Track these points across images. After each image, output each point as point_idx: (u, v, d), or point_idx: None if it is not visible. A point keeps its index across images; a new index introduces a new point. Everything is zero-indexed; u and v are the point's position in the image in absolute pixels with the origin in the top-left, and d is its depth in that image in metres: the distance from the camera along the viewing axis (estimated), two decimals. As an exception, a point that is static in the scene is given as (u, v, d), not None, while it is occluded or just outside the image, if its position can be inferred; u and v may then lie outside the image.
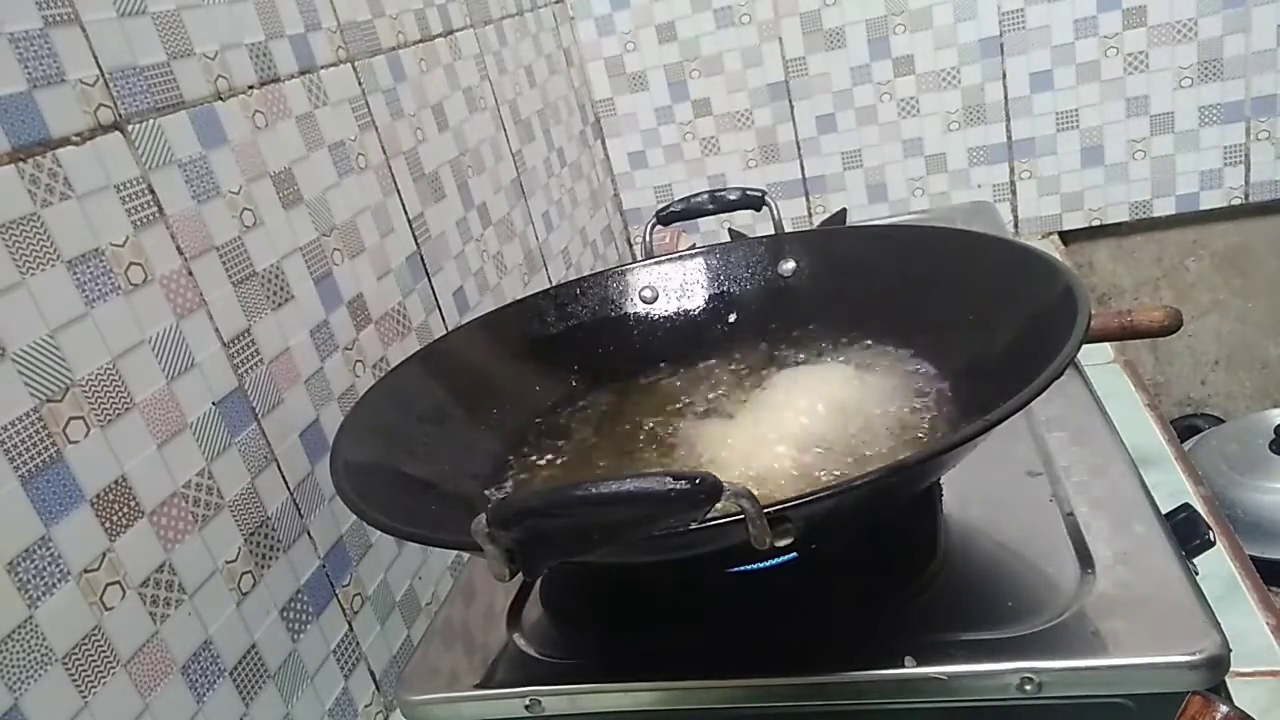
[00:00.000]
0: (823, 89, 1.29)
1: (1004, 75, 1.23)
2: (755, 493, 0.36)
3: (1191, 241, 1.31)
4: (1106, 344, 0.92)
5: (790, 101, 1.31)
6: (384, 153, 0.80)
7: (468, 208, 0.94)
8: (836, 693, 0.45)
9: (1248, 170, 1.21)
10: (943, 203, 1.31)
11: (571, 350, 0.72)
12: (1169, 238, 1.32)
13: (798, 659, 0.46)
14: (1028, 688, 0.42)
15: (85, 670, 0.45)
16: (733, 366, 0.69)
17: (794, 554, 0.46)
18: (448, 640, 0.55)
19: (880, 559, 0.52)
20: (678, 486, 0.34)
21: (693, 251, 0.76)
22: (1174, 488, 0.72)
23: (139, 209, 0.53)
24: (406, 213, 0.83)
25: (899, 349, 0.63)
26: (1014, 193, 1.30)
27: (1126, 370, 0.91)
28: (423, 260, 0.84)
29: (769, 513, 0.36)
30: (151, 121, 0.55)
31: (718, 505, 0.35)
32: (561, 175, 1.22)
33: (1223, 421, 1.34)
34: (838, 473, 0.52)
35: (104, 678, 0.46)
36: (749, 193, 0.77)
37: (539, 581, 0.58)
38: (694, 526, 0.36)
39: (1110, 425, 0.60)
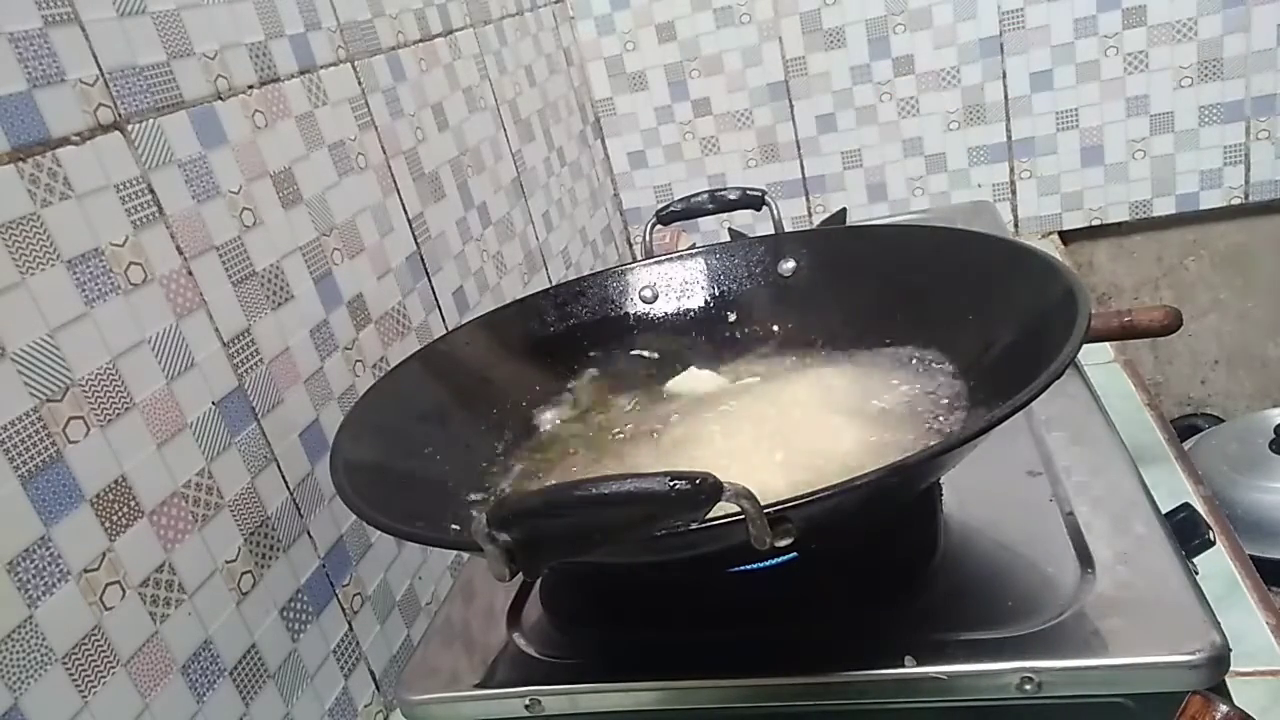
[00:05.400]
0: (823, 89, 1.29)
1: (1004, 75, 1.23)
2: (755, 493, 0.36)
3: (1191, 241, 1.31)
4: (1106, 344, 0.92)
5: (790, 101, 1.31)
6: (384, 152, 0.80)
7: (468, 207, 0.94)
8: (836, 693, 0.45)
9: (1248, 170, 1.21)
10: (943, 202, 1.31)
11: (572, 350, 0.72)
12: (1169, 237, 1.32)
13: (798, 659, 0.46)
14: (1028, 687, 0.42)
15: (85, 670, 0.45)
16: (732, 367, 0.69)
17: (794, 554, 0.46)
18: (448, 640, 0.55)
19: (880, 559, 0.52)
20: (678, 486, 0.34)
21: (693, 251, 0.76)
22: (1174, 487, 0.72)
23: (139, 209, 0.53)
24: (406, 212, 0.83)
25: (898, 349, 0.63)
26: (1014, 192, 1.30)
27: (1126, 370, 0.91)
28: (423, 260, 0.84)
29: (769, 513, 0.36)
30: (151, 121, 0.55)
31: (718, 505, 0.35)
32: (561, 175, 1.21)
33: (1223, 421, 1.34)
34: (835, 473, 0.52)
35: (104, 677, 0.46)
36: (749, 192, 0.77)
37: (539, 581, 0.58)
38: (694, 526, 0.36)
39: (1110, 425, 0.60)
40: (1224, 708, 0.38)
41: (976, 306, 0.58)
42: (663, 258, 0.76)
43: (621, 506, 0.35)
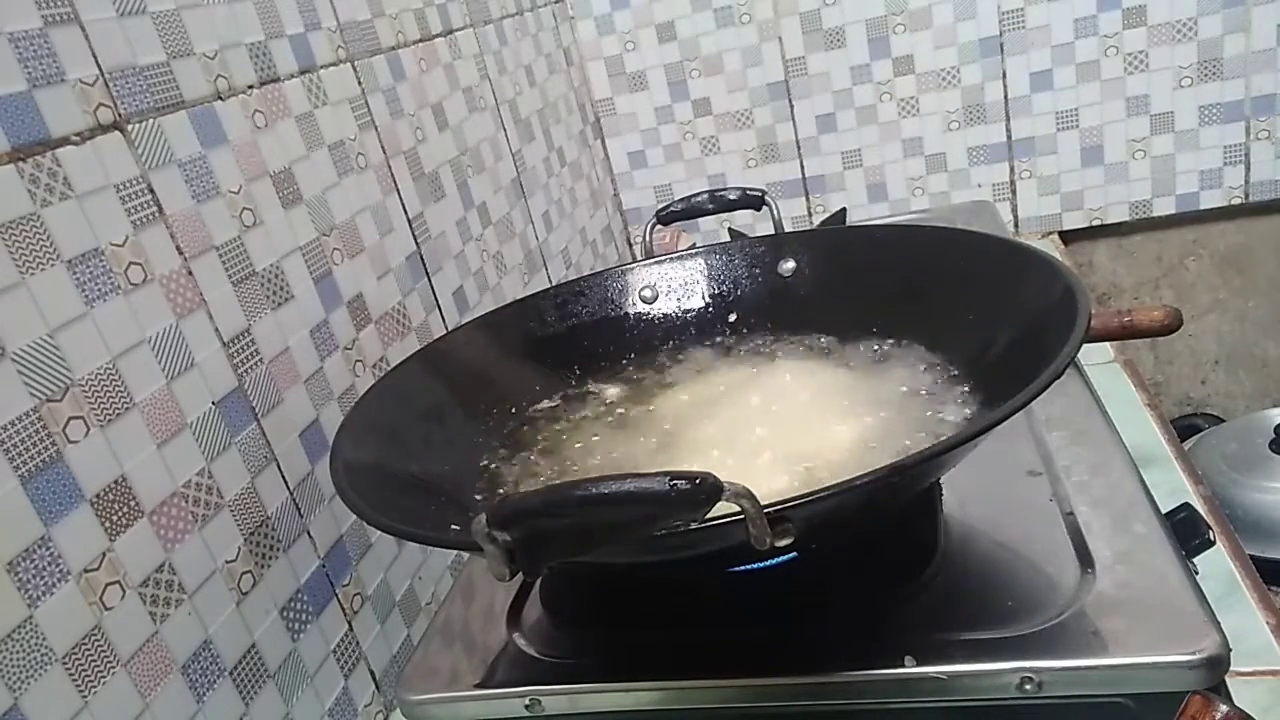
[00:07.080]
0: (823, 89, 1.29)
1: (1004, 75, 1.23)
2: (754, 492, 0.36)
3: (1191, 241, 1.31)
4: (1106, 344, 0.92)
5: (790, 101, 1.31)
6: (384, 152, 0.80)
7: (468, 207, 0.94)
8: (836, 693, 0.45)
9: (1248, 170, 1.21)
10: (943, 202, 1.31)
11: (571, 350, 0.72)
12: (1169, 237, 1.32)
13: (798, 659, 0.46)
14: (1028, 687, 0.42)
15: (85, 670, 0.45)
16: (733, 367, 0.69)
17: (794, 554, 0.46)
18: (448, 640, 0.55)
19: (880, 559, 0.52)
20: (678, 486, 0.34)
21: (693, 251, 0.76)
22: (1174, 487, 0.72)
23: (139, 209, 0.53)
24: (406, 212, 0.83)
25: (898, 349, 0.63)
26: (1014, 192, 1.30)
27: (1126, 370, 0.91)
28: (423, 260, 0.84)
29: (769, 512, 0.36)
30: (151, 121, 0.55)
31: (718, 505, 0.35)
32: (561, 175, 1.21)
33: (1223, 421, 1.34)
34: (835, 473, 0.52)
35: (104, 678, 0.46)
36: (749, 192, 0.77)
37: (539, 581, 0.58)
38: (694, 526, 0.36)
39: (1110, 425, 0.60)
40: (1224, 708, 0.38)
41: (976, 306, 0.58)
42: (663, 258, 0.76)
43: (621, 506, 0.35)
